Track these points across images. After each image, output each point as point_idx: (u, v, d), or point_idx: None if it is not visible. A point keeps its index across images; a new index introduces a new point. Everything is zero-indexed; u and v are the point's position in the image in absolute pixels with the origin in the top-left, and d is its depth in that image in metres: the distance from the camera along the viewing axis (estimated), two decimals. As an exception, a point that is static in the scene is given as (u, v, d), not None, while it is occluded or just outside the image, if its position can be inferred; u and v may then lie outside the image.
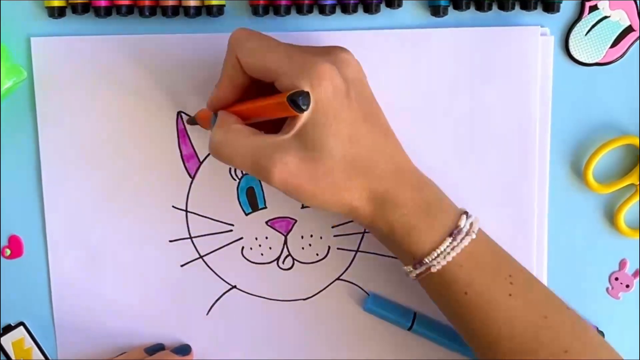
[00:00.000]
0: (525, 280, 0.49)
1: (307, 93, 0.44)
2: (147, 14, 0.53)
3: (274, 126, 0.48)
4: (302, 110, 0.44)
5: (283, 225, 0.56)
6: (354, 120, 0.46)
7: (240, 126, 0.48)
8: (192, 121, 0.55)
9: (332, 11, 0.53)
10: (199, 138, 0.56)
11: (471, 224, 0.48)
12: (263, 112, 0.48)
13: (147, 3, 0.53)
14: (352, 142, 0.46)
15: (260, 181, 0.56)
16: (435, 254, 0.47)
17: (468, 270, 0.47)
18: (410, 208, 0.47)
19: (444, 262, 0.47)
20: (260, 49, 0.47)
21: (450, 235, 0.47)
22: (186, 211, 0.56)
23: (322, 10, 0.53)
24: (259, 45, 0.47)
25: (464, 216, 0.48)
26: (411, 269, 0.49)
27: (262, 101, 0.47)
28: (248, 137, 0.47)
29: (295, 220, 0.56)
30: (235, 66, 0.48)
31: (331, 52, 0.47)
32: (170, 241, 0.57)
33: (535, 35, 0.54)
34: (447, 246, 0.47)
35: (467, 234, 0.48)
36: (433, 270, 0.48)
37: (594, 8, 0.54)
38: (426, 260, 0.47)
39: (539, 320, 0.47)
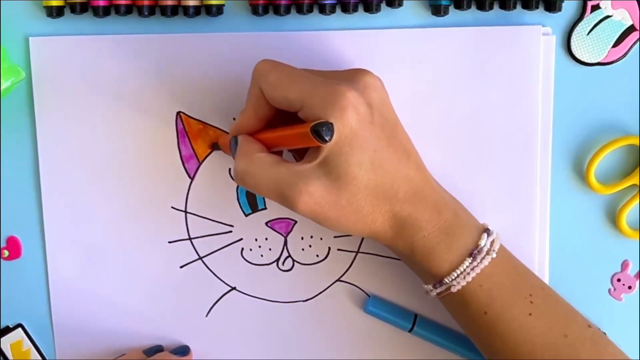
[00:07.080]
0: (546, 298, 0.49)
1: (331, 124, 0.44)
2: (146, 13, 0.53)
3: (298, 149, 0.48)
4: (326, 142, 0.44)
5: (283, 226, 0.56)
6: (378, 146, 0.46)
7: (263, 155, 0.47)
8: (216, 147, 0.55)
9: (332, 10, 0.53)
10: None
11: (492, 242, 0.48)
12: (286, 141, 0.48)
13: (146, 3, 0.53)
14: (376, 169, 0.46)
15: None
16: (455, 275, 0.47)
17: (488, 290, 0.48)
18: (431, 230, 0.47)
19: (463, 282, 0.47)
20: (283, 81, 0.47)
21: (470, 255, 0.47)
22: (185, 212, 0.56)
23: (322, 10, 0.53)
24: (281, 77, 0.47)
25: (485, 234, 0.48)
26: (431, 288, 0.49)
27: (285, 131, 0.47)
28: (271, 167, 0.47)
29: (295, 221, 0.56)
30: (259, 97, 0.48)
31: (355, 77, 0.47)
32: (170, 242, 0.57)
33: (537, 34, 0.53)
34: (467, 267, 0.47)
35: (487, 253, 0.48)
36: (453, 290, 0.48)
37: (596, 7, 0.54)
38: (446, 280, 0.48)
39: (559, 339, 0.47)
